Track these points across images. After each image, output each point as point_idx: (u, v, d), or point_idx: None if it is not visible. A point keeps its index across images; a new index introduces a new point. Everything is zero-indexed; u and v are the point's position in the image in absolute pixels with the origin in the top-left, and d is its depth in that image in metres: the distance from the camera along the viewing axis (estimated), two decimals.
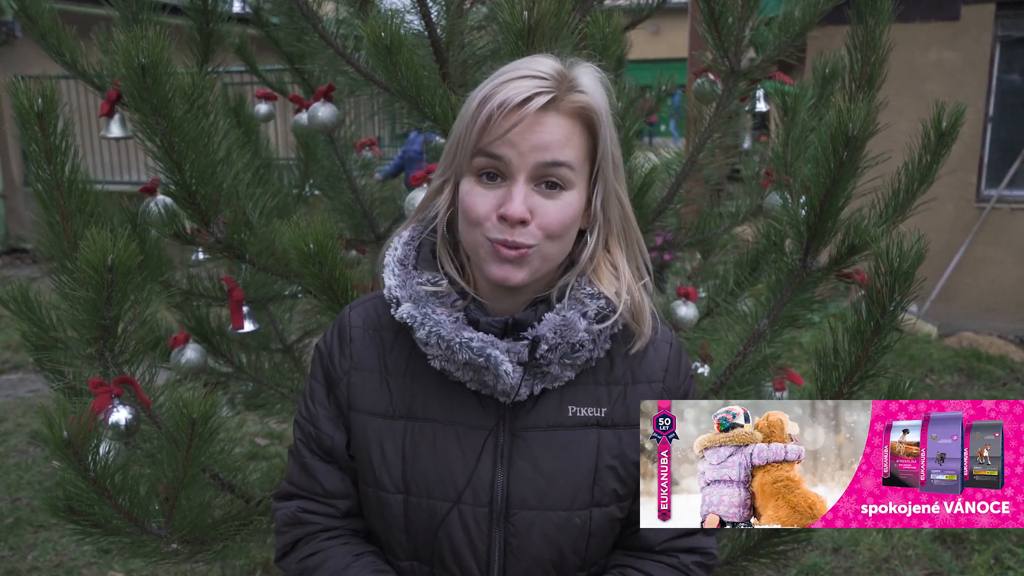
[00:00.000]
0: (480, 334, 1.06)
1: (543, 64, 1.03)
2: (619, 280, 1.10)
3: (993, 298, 6.70)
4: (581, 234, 1.11)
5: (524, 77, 1.01)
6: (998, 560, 3.50)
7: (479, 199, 1.03)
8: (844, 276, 1.69)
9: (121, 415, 1.48)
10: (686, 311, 2.07)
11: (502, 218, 1.01)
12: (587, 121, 1.05)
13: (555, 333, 1.05)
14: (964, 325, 6.59)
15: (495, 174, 1.03)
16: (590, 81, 1.05)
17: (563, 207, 1.03)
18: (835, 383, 1.56)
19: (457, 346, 1.04)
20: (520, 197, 1.00)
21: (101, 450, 1.41)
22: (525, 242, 1.01)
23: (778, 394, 2.00)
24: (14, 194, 11.04)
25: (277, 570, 2.51)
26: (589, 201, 1.09)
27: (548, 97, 1.00)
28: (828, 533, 3.66)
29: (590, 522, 1.10)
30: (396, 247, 1.14)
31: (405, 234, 1.15)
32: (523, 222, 1.01)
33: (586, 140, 1.05)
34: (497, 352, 1.04)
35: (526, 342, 1.06)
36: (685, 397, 1.17)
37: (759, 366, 1.85)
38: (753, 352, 1.79)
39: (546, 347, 1.05)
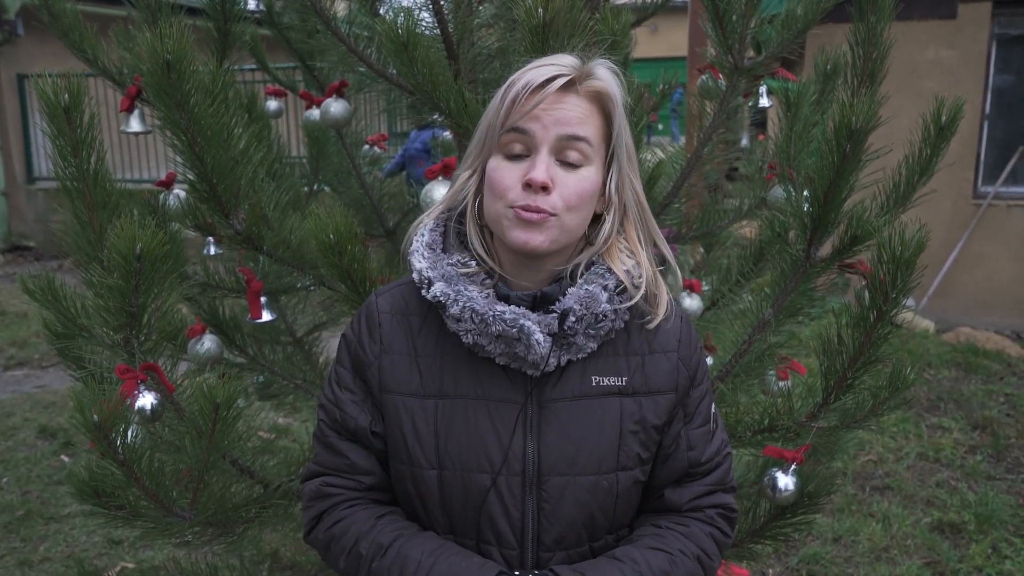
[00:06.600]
0: (512, 307, 1.13)
1: (563, 58, 1.15)
2: (635, 262, 1.18)
3: (990, 294, 6.76)
4: (599, 218, 1.19)
5: (546, 65, 1.13)
6: (995, 549, 3.55)
7: (506, 172, 1.12)
8: (846, 266, 1.73)
9: (147, 400, 1.52)
10: (690, 303, 2.11)
11: (527, 185, 1.10)
12: (603, 106, 1.15)
13: (581, 305, 1.12)
14: (961, 320, 6.65)
15: (521, 154, 1.12)
16: (605, 72, 1.16)
17: (580, 180, 1.12)
18: (839, 369, 1.60)
19: (491, 319, 1.11)
20: (543, 165, 1.10)
21: (128, 434, 1.45)
22: (546, 208, 1.10)
23: (781, 383, 2.04)
24: (16, 191, 11.05)
25: (287, 561, 2.55)
26: (605, 185, 1.17)
27: (567, 78, 1.12)
28: (829, 523, 3.71)
29: (616, 485, 1.17)
30: (423, 234, 1.21)
31: (429, 222, 1.22)
32: (545, 188, 1.09)
33: (602, 123, 1.15)
34: (529, 323, 1.11)
35: (555, 314, 1.13)
36: (697, 368, 1.24)
37: (764, 355, 1.89)
38: (759, 341, 1.84)
39: (574, 318, 1.12)
